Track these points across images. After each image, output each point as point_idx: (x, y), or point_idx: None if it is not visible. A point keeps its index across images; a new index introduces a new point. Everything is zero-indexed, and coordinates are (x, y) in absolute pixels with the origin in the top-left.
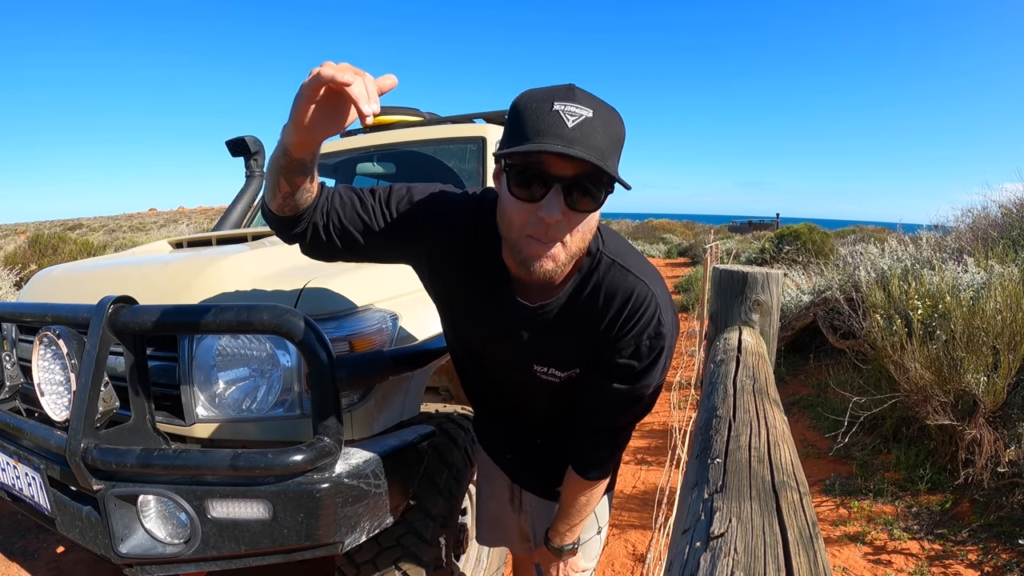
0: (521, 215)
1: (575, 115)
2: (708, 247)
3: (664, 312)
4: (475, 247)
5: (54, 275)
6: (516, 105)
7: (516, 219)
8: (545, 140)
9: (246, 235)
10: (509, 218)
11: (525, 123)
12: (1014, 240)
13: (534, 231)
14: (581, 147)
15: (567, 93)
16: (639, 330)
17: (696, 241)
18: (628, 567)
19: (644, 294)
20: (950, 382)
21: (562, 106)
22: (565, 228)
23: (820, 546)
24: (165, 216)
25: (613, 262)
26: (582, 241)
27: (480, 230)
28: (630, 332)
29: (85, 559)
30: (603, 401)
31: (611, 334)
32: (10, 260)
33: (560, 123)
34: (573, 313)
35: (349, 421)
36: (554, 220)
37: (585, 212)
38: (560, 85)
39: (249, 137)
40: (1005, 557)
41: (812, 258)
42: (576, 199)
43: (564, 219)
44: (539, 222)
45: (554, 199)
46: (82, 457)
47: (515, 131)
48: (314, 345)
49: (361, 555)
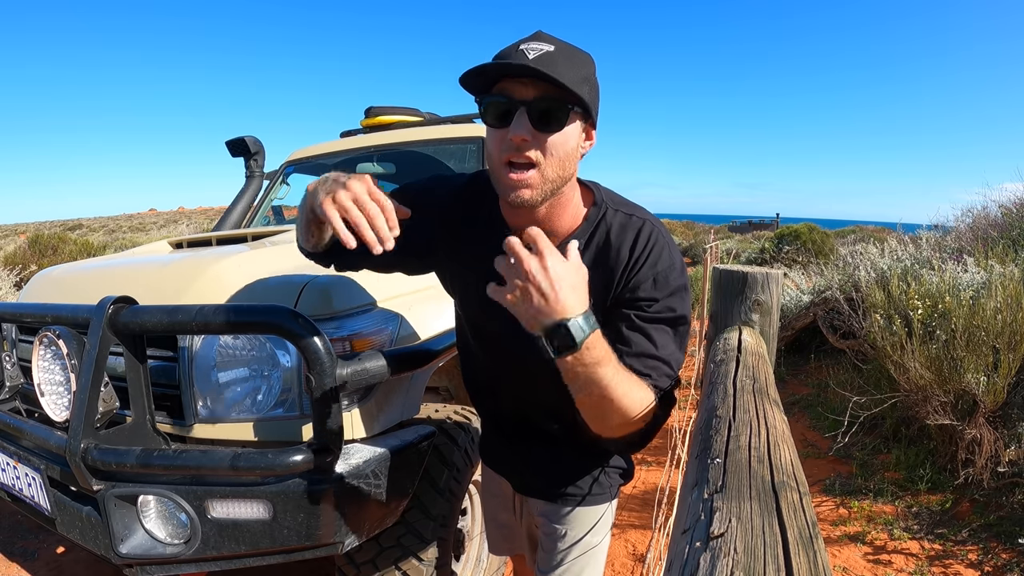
0: (495, 141)
1: (536, 49)
2: (708, 247)
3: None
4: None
5: (54, 275)
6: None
7: (493, 148)
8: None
9: (246, 235)
10: (489, 151)
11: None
12: (1014, 240)
13: (509, 155)
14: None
15: (532, 36)
16: (652, 260)
17: (696, 241)
18: (628, 567)
19: (650, 230)
20: (950, 382)
21: (526, 45)
22: (535, 147)
23: (820, 546)
24: (165, 216)
25: (617, 210)
26: (560, 167)
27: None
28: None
29: (85, 559)
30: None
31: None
32: (10, 260)
33: (522, 56)
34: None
35: (349, 421)
36: (520, 138)
37: (552, 131)
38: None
39: (249, 137)
40: (1005, 557)
41: (812, 258)
42: (540, 119)
43: (533, 140)
44: (511, 144)
45: (520, 120)
46: (82, 457)
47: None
48: (314, 345)
49: (361, 555)
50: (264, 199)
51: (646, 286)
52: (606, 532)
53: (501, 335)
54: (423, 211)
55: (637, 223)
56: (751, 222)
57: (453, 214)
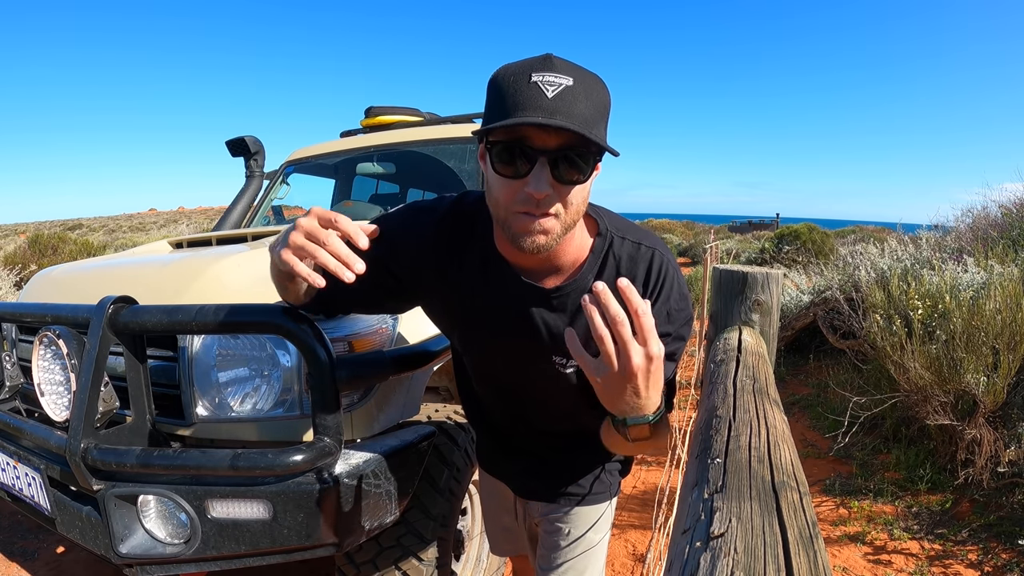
0: (508, 192)
1: (554, 84)
2: (708, 247)
3: (679, 277)
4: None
5: (54, 275)
6: (494, 80)
7: (503, 197)
8: (525, 114)
9: (246, 235)
10: (496, 197)
11: (504, 98)
12: (1014, 240)
13: (522, 206)
14: (563, 117)
15: (544, 63)
16: (665, 294)
17: (696, 241)
18: (628, 567)
19: (659, 261)
20: (950, 382)
21: (540, 76)
22: (555, 200)
23: (820, 546)
24: (165, 216)
25: (623, 238)
26: (576, 213)
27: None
28: (658, 298)
29: (85, 559)
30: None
31: None
32: (10, 260)
33: (539, 94)
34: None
35: (349, 421)
36: (543, 195)
37: (573, 184)
38: (537, 56)
39: (249, 137)
40: (1005, 557)
41: (812, 258)
42: (563, 171)
43: (553, 192)
44: (527, 198)
45: (540, 173)
46: (82, 457)
47: (494, 107)
48: (314, 345)
49: (361, 555)
50: (264, 199)
51: (660, 320)
52: (607, 530)
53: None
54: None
55: (647, 254)
56: (751, 222)
57: (438, 250)
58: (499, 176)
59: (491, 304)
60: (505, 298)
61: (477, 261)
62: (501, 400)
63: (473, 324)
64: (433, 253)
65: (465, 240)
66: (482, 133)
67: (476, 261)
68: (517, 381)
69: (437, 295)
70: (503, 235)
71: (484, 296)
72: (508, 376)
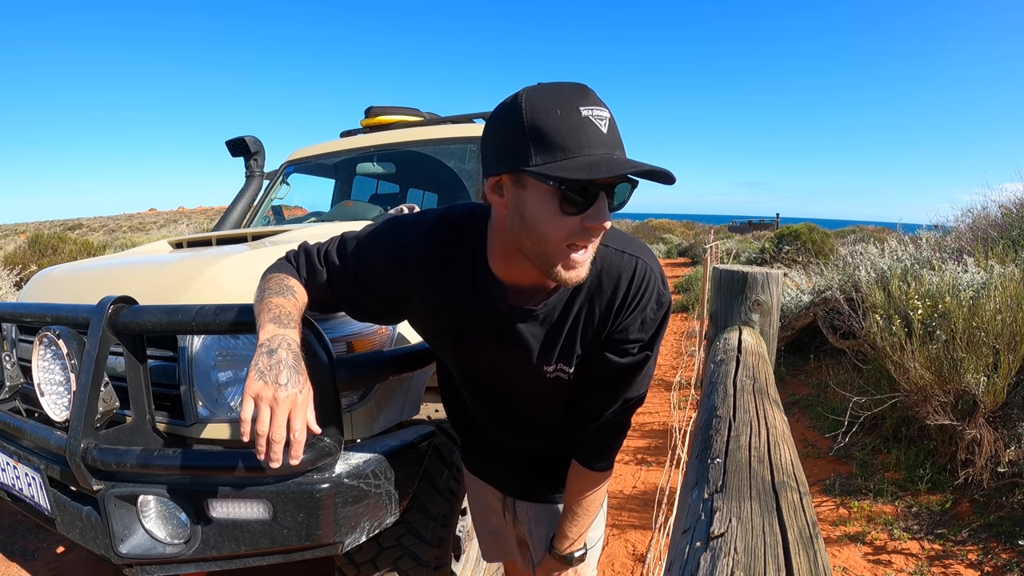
0: (565, 228)
1: (602, 118)
2: (708, 247)
3: (661, 282)
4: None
5: (54, 275)
6: (534, 111)
7: (557, 232)
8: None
9: (246, 235)
10: (544, 232)
11: (561, 133)
12: (1014, 240)
13: (579, 239)
14: (619, 151)
15: (583, 95)
16: (643, 303)
17: (696, 241)
18: (628, 567)
19: (642, 270)
20: (950, 382)
21: (589, 111)
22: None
23: (820, 546)
24: (165, 216)
25: (607, 246)
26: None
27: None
28: (636, 308)
29: (85, 559)
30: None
31: (619, 314)
32: (10, 260)
33: (596, 130)
34: (579, 305)
35: (349, 421)
36: (606, 227)
37: (617, 210)
38: (567, 85)
39: (249, 137)
40: (1005, 557)
41: (812, 258)
42: (614, 201)
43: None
44: (584, 232)
45: (602, 206)
46: (82, 457)
47: (547, 142)
48: (314, 345)
49: (361, 555)
50: (264, 199)
51: (634, 328)
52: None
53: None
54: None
55: (630, 263)
56: (751, 222)
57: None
58: (561, 213)
59: (479, 317)
60: (492, 313)
61: (467, 274)
62: (489, 403)
63: (460, 333)
64: (420, 267)
65: (453, 253)
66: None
67: (466, 274)
68: (505, 386)
69: (424, 307)
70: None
71: (472, 310)
72: (496, 381)
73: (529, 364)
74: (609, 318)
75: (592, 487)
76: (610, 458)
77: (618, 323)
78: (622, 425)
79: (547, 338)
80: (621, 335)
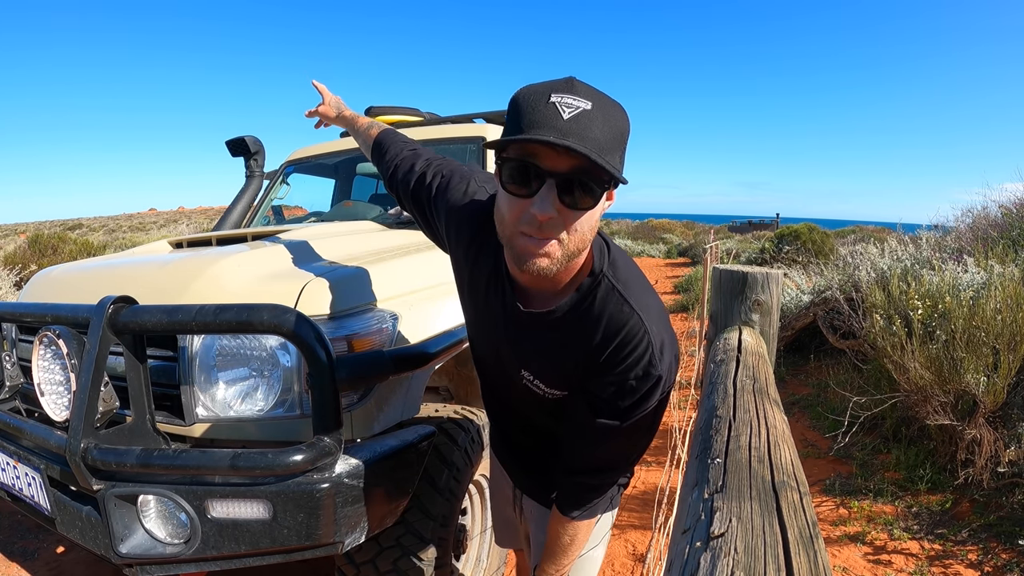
0: (514, 211)
1: (572, 107)
2: (708, 247)
3: (657, 352)
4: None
5: (54, 275)
6: (514, 99)
7: (509, 215)
8: (538, 132)
9: (246, 235)
10: (502, 214)
11: (521, 116)
12: (1014, 240)
13: (527, 227)
14: (576, 139)
15: (566, 85)
16: (627, 367)
17: (696, 241)
18: (628, 567)
19: (637, 330)
20: (950, 382)
21: (559, 98)
22: (561, 226)
23: (820, 546)
24: (165, 216)
25: (613, 288)
26: (581, 241)
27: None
28: (617, 367)
29: (85, 559)
30: (586, 435)
31: (597, 365)
32: (10, 260)
33: (555, 115)
34: (564, 332)
35: (349, 421)
36: (547, 217)
37: (581, 210)
38: (561, 78)
39: (249, 137)
40: (1005, 557)
41: (812, 258)
42: (571, 196)
43: (559, 216)
44: (532, 219)
45: (547, 195)
46: (82, 457)
47: (511, 124)
48: (314, 345)
49: (361, 555)
50: (264, 199)
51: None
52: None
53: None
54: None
55: (627, 318)
56: (751, 222)
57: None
58: (507, 193)
59: (490, 307)
60: (500, 306)
61: (490, 265)
62: (496, 394)
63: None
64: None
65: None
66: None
67: (489, 265)
68: (506, 381)
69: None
70: (506, 252)
71: (485, 299)
72: (498, 375)
73: (511, 363)
74: (590, 363)
75: (565, 532)
76: (586, 511)
77: (597, 374)
78: (598, 488)
79: (529, 346)
80: (597, 389)
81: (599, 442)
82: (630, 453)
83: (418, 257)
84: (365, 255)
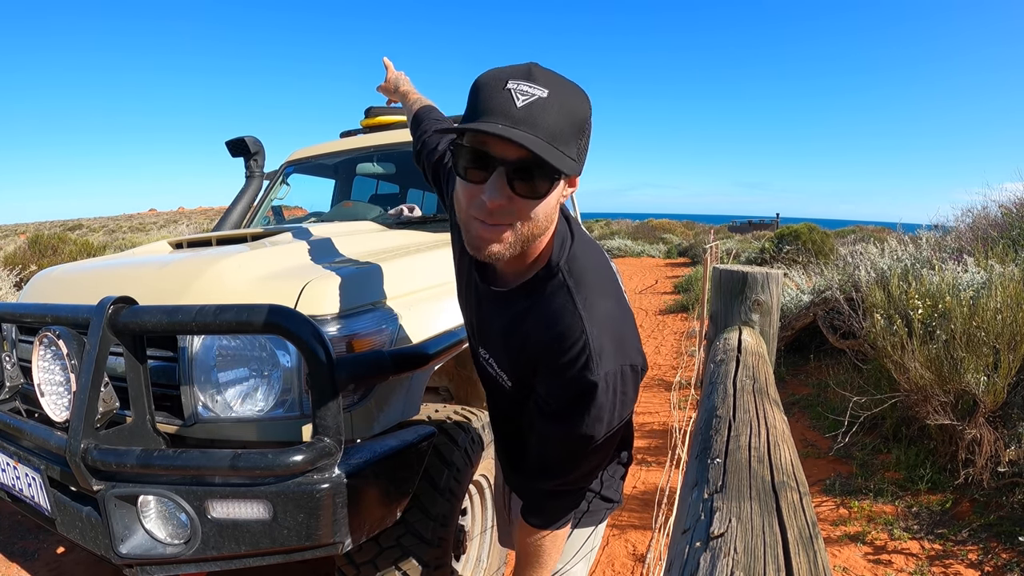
0: (467, 196)
1: (527, 94)
2: (708, 247)
3: (594, 357)
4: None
5: (54, 275)
6: (475, 83)
7: (463, 200)
8: (489, 119)
9: (246, 235)
10: (457, 197)
11: (476, 102)
12: (1014, 240)
13: (478, 213)
14: (526, 128)
15: (523, 72)
16: (560, 367)
17: (696, 241)
18: (628, 567)
19: (574, 331)
20: (950, 382)
21: (515, 85)
22: (513, 213)
23: (820, 546)
24: (165, 216)
25: (564, 283)
26: (536, 227)
27: None
28: (552, 365)
29: (85, 559)
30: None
31: (536, 359)
32: (10, 260)
33: (508, 102)
34: (513, 315)
35: (349, 421)
36: (496, 204)
37: (533, 198)
38: (522, 64)
39: (249, 137)
40: (1005, 557)
41: (812, 258)
42: (521, 184)
43: (510, 204)
44: (483, 207)
45: (496, 183)
46: (82, 457)
47: (468, 110)
48: (314, 345)
49: (361, 555)
50: (264, 199)
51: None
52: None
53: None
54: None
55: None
56: (751, 222)
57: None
58: (460, 179)
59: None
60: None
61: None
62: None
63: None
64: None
65: None
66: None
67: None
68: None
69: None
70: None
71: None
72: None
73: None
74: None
75: (527, 535)
76: (544, 519)
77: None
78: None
79: (488, 323)
80: (537, 385)
81: (542, 443)
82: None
83: (418, 257)
84: (365, 255)
